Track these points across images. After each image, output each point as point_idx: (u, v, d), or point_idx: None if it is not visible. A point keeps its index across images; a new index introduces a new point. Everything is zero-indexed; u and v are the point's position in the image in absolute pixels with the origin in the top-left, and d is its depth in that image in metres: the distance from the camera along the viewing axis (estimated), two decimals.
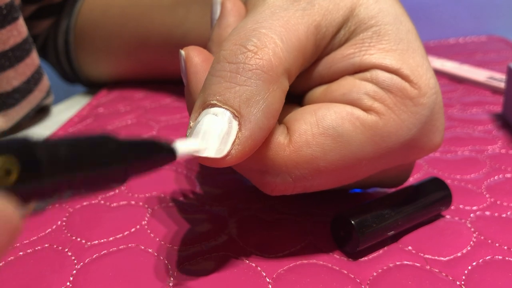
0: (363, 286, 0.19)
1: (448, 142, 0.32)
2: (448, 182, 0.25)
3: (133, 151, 0.13)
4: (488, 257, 0.21)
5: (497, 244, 0.22)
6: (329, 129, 0.18)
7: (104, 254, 0.21)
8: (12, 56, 0.33)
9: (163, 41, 0.40)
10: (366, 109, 0.19)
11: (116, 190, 0.26)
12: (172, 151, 0.15)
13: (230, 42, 0.18)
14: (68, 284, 0.19)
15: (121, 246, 0.22)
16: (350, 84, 0.19)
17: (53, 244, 0.22)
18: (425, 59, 0.20)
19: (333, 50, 0.20)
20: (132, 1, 0.42)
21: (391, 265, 0.20)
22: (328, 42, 0.20)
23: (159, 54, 0.42)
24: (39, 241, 0.22)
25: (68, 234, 0.23)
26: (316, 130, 0.18)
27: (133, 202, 0.25)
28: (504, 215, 0.24)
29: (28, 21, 0.41)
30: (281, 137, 0.18)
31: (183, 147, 0.15)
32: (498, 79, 0.43)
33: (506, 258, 0.21)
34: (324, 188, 0.20)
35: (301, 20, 0.18)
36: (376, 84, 0.19)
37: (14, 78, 0.34)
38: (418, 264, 0.20)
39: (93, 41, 0.44)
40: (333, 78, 0.20)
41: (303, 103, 0.21)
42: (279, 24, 0.18)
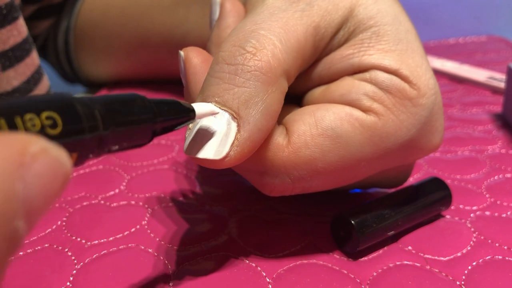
0: (363, 286, 0.19)
1: (448, 142, 0.32)
2: (448, 182, 0.25)
3: (159, 109, 0.14)
4: (488, 257, 0.21)
5: (497, 244, 0.22)
6: (328, 130, 0.18)
7: (104, 254, 0.21)
8: (12, 56, 0.33)
9: (163, 41, 0.40)
10: (365, 110, 0.19)
11: (116, 190, 0.26)
12: (192, 111, 0.16)
13: (229, 44, 0.18)
14: (68, 284, 0.19)
15: (121, 246, 0.22)
16: (349, 85, 0.19)
17: (53, 244, 0.22)
18: (425, 59, 0.20)
19: (332, 51, 0.20)
20: (132, 1, 0.42)
21: (391, 265, 0.20)
22: (327, 43, 0.20)
23: (159, 54, 0.42)
24: (39, 241, 0.22)
25: (68, 234, 0.23)
26: (315, 131, 0.18)
27: (133, 202, 0.25)
28: (504, 215, 0.24)
29: (28, 21, 0.41)
30: (280, 138, 0.18)
31: (201, 108, 0.16)
32: (498, 79, 0.43)
33: (506, 258, 0.21)
34: (323, 189, 0.20)
35: (300, 21, 0.18)
36: (375, 85, 0.19)
37: (14, 78, 0.34)
38: (418, 264, 0.20)
39: (93, 41, 0.44)
40: (332, 79, 0.20)
41: (302, 104, 0.21)
42: (278, 25, 0.18)
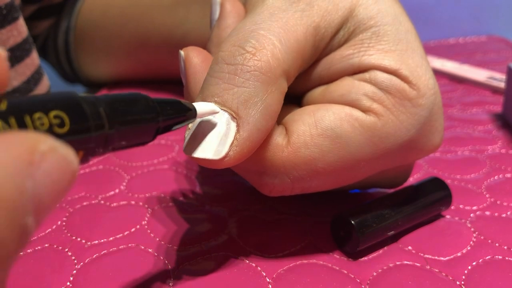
0: (363, 286, 0.19)
1: (448, 142, 0.32)
2: (448, 182, 0.25)
3: (162, 108, 0.14)
4: (488, 257, 0.21)
5: (497, 244, 0.22)
6: (328, 130, 0.18)
7: (104, 254, 0.21)
8: (12, 56, 0.33)
9: (163, 41, 0.40)
10: (365, 110, 0.19)
11: (116, 190, 0.26)
12: (193, 110, 0.16)
13: (229, 43, 0.18)
14: (68, 284, 0.19)
15: (121, 246, 0.22)
16: (349, 85, 0.19)
17: (53, 244, 0.22)
18: (424, 60, 0.20)
19: (332, 51, 0.20)
20: (132, 1, 0.42)
21: (391, 265, 0.20)
22: (327, 43, 0.20)
23: (159, 55, 0.42)
24: (39, 241, 0.22)
25: (68, 234, 0.23)
26: (315, 131, 0.18)
27: (133, 202, 0.25)
28: (504, 215, 0.24)
29: (28, 21, 0.41)
30: (280, 138, 0.18)
31: (201, 108, 0.16)
32: (498, 79, 0.43)
33: (506, 258, 0.21)
34: (323, 189, 0.20)
35: (300, 21, 0.18)
36: (375, 85, 0.19)
37: (14, 78, 0.34)
38: (418, 264, 0.20)
39: (93, 41, 0.44)
40: (332, 79, 0.20)
41: (302, 104, 0.21)
42: (278, 26, 0.18)
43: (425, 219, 0.23)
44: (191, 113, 0.16)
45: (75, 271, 0.20)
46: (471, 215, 0.24)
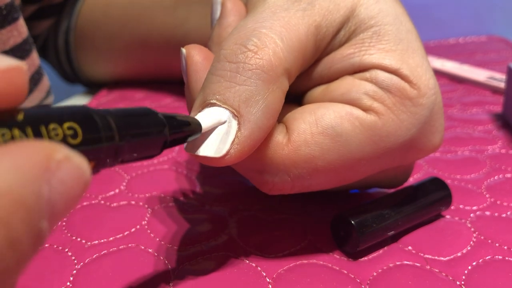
0: (363, 286, 0.19)
1: (448, 142, 0.32)
2: (448, 182, 0.25)
3: (169, 123, 0.15)
4: (488, 257, 0.21)
5: (497, 244, 0.22)
6: (328, 129, 0.18)
7: (104, 254, 0.21)
8: (12, 57, 0.33)
9: (164, 42, 0.40)
10: (366, 109, 0.19)
11: (116, 190, 0.26)
12: (199, 125, 0.17)
13: (231, 42, 0.18)
14: (68, 284, 0.19)
15: (121, 246, 0.22)
16: (350, 84, 0.19)
17: (53, 244, 0.22)
18: (425, 60, 0.20)
19: (333, 50, 0.20)
20: (133, 1, 0.42)
21: (391, 265, 0.20)
22: (328, 43, 0.20)
23: (160, 55, 0.42)
24: None
25: (68, 234, 0.23)
26: (315, 130, 0.18)
27: (133, 202, 0.25)
28: (504, 215, 0.24)
29: (28, 22, 0.41)
30: (280, 136, 0.18)
31: (207, 122, 0.17)
32: (498, 79, 0.43)
33: (506, 258, 0.21)
34: (323, 188, 0.20)
35: (302, 21, 0.18)
36: (376, 84, 0.19)
37: None
38: (418, 264, 0.20)
39: (94, 41, 0.44)
40: (333, 78, 0.20)
41: (303, 103, 0.21)
42: (280, 24, 0.18)
43: (425, 219, 0.23)
44: (197, 128, 0.16)
45: (75, 271, 0.20)
46: (471, 215, 0.24)
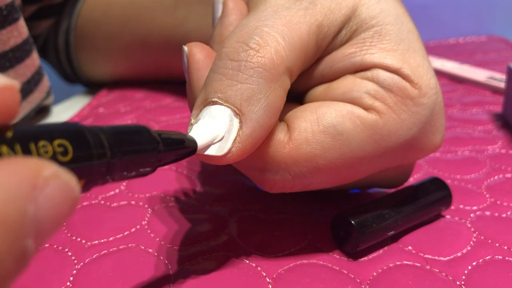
0: (363, 286, 0.19)
1: (448, 142, 0.32)
2: (448, 182, 0.25)
3: (163, 141, 0.15)
4: (488, 257, 0.21)
5: (497, 244, 0.22)
6: (329, 127, 0.18)
7: (104, 254, 0.21)
8: (12, 57, 0.33)
9: (164, 42, 0.40)
10: (367, 108, 0.19)
11: (116, 190, 0.26)
12: (194, 143, 0.16)
13: (232, 40, 0.18)
14: (68, 284, 0.19)
15: (121, 246, 0.22)
16: (351, 83, 0.19)
17: (53, 244, 0.22)
18: (426, 60, 0.20)
19: (335, 50, 0.20)
20: (133, 1, 0.42)
21: (391, 265, 0.20)
22: (330, 42, 0.20)
23: (160, 55, 0.42)
24: None
25: (68, 234, 0.23)
26: (316, 128, 0.18)
27: (133, 202, 0.25)
28: (504, 215, 0.24)
29: (29, 22, 0.41)
30: (281, 135, 0.18)
31: (203, 141, 0.17)
32: (498, 79, 0.43)
33: (506, 258, 0.21)
34: (324, 187, 0.20)
35: (303, 20, 0.18)
36: (377, 83, 0.19)
37: (14, 79, 0.34)
38: (418, 264, 0.20)
39: (94, 41, 0.44)
40: (334, 77, 0.20)
41: (304, 102, 0.21)
42: (282, 23, 0.18)
43: (425, 219, 0.23)
44: (193, 146, 0.16)
45: (75, 271, 0.20)
46: (471, 215, 0.24)
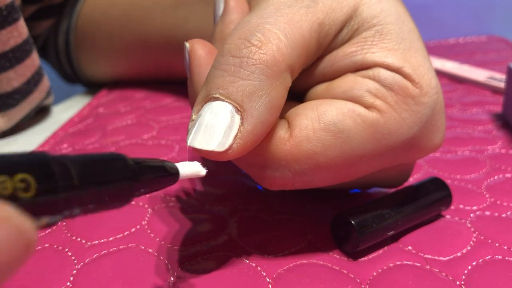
0: (363, 286, 0.19)
1: (448, 142, 0.32)
2: (448, 182, 0.25)
3: (141, 170, 0.14)
4: (488, 257, 0.21)
5: (497, 244, 0.22)
6: (330, 125, 0.18)
7: (104, 254, 0.21)
8: (12, 57, 0.33)
9: (164, 42, 0.40)
10: (368, 106, 0.19)
11: None
12: (176, 173, 0.16)
13: (235, 36, 0.18)
14: (68, 284, 0.19)
15: (121, 246, 0.22)
16: (352, 81, 0.19)
17: (53, 244, 0.22)
18: (427, 59, 0.20)
19: (336, 48, 0.20)
20: (133, 1, 0.42)
21: (391, 265, 0.20)
22: (331, 40, 0.20)
23: (160, 55, 0.42)
24: (39, 241, 0.22)
25: (68, 234, 0.23)
26: (317, 126, 0.18)
27: (133, 202, 0.25)
28: (504, 215, 0.24)
29: (29, 22, 0.41)
30: (282, 132, 0.18)
31: (185, 169, 0.16)
32: (498, 79, 0.43)
33: (506, 258, 0.21)
34: (324, 185, 0.20)
35: (305, 18, 0.18)
36: (378, 82, 0.19)
37: (14, 79, 0.34)
38: (418, 264, 0.20)
39: (94, 41, 0.44)
40: (335, 76, 0.20)
41: (305, 100, 0.21)
42: (283, 21, 0.18)
43: (425, 219, 0.23)
44: (174, 176, 0.16)
45: (75, 271, 0.20)
46: (471, 215, 0.24)
